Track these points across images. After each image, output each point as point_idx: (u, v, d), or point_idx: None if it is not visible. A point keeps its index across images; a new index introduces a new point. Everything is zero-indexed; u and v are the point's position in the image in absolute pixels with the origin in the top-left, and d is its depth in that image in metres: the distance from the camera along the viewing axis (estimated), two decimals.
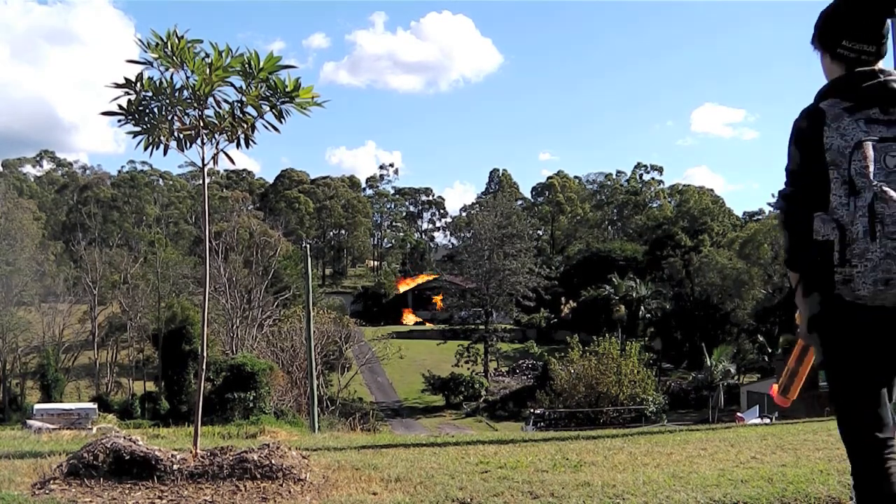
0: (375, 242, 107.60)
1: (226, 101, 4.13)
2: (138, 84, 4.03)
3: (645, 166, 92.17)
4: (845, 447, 2.34)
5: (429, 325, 70.31)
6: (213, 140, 4.23)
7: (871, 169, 2.10)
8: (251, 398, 26.60)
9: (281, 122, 4.18)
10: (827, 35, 2.35)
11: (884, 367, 2.21)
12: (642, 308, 55.18)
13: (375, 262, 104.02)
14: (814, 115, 2.26)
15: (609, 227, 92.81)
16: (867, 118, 2.18)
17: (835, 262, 2.14)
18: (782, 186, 2.36)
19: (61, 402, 40.59)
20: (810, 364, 2.74)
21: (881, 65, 2.30)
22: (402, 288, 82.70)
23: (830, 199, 2.16)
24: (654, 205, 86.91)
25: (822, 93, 2.33)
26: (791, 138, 2.35)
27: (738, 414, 27.84)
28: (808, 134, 2.25)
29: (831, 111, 2.22)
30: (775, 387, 2.88)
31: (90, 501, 3.47)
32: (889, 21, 2.31)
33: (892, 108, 2.19)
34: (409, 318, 76.90)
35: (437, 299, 70.55)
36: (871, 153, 2.12)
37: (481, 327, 55.48)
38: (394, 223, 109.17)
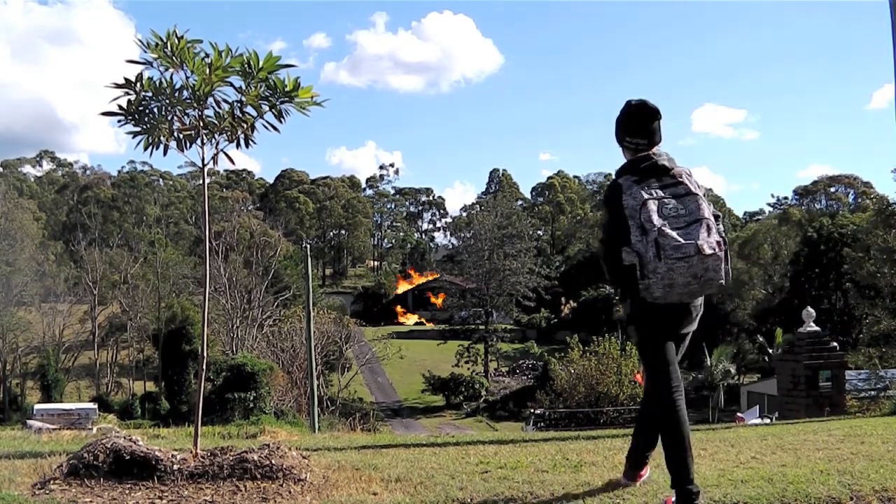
0: (375, 242, 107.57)
1: (225, 101, 4.13)
2: (138, 84, 4.02)
3: None
4: (649, 375, 3.55)
5: (429, 325, 70.27)
6: (213, 140, 4.22)
7: (654, 217, 3.25)
8: (251, 398, 26.58)
9: (281, 122, 4.18)
10: (618, 134, 3.60)
11: (671, 335, 3.47)
12: None
13: (375, 263, 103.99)
14: (616, 187, 3.44)
15: None
16: (648, 185, 3.37)
17: (638, 278, 3.28)
18: (602, 231, 3.60)
19: (61, 402, 40.61)
20: None
21: (656, 150, 3.50)
22: (402, 289, 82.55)
23: (631, 238, 3.30)
24: None
25: (619, 171, 3.53)
26: (603, 201, 3.62)
27: (739, 414, 27.76)
28: (612, 199, 3.43)
29: (626, 183, 3.40)
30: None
31: (90, 501, 3.47)
32: (657, 122, 3.53)
33: (663, 177, 3.40)
34: (409, 319, 76.77)
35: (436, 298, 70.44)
36: (652, 207, 3.29)
37: (481, 327, 55.46)
38: (394, 223, 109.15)
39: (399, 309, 77.79)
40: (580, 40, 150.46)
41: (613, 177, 3.55)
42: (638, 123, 3.52)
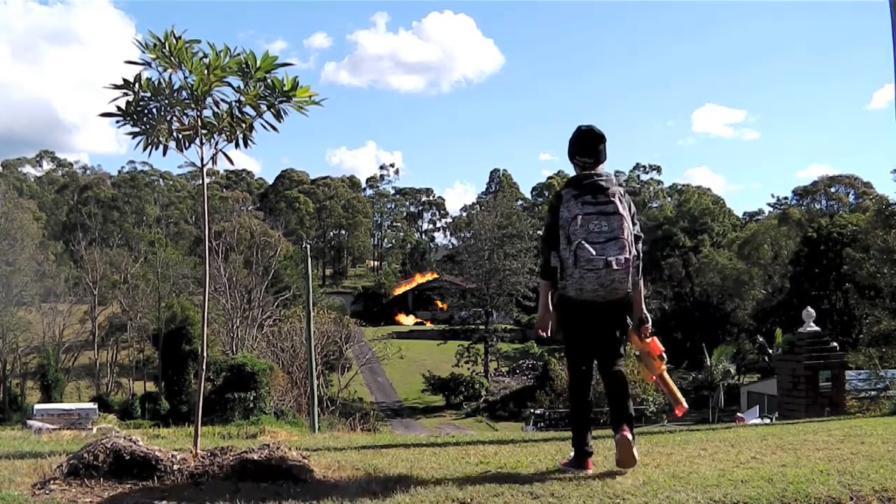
0: (376, 243, 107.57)
1: (224, 101, 4.13)
2: (136, 85, 4.02)
3: (644, 166, 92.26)
4: (568, 370, 4.35)
5: (429, 325, 70.23)
6: (212, 140, 4.22)
7: (578, 231, 3.88)
8: (251, 398, 26.58)
9: (279, 122, 4.18)
10: (569, 152, 4.22)
11: (587, 332, 4.09)
12: None
13: (375, 263, 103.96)
14: (558, 197, 4.06)
15: None
16: (583, 201, 3.96)
17: (559, 278, 3.98)
18: (542, 232, 4.25)
19: (61, 402, 40.65)
20: (664, 370, 4.41)
21: (599, 169, 4.12)
22: (400, 290, 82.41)
23: (560, 245, 3.96)
24: (654, 205, 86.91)
25: (565, 184, 4.15)
26: (549, 207, 4.17)
27: (739, 414, 27.79)
28: (554, 207, 4.05)
29: (566, 196, 4.00)
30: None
31: (90, 502, 3.47)
32: (603, 145, 4.14)
33: (599, 195, 3.97)
34: (408, 320, 76.67)
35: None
36: (580, 222, 3.90)
37: (481, 327, 55.44)
38: (394, 223, 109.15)
39: (401, 316, 77.43)
40: (581, 40, 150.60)
41: (560, 187, 4.22)
42: (586, 145, 4.16)
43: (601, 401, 4.80)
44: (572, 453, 4.23)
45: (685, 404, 4.46)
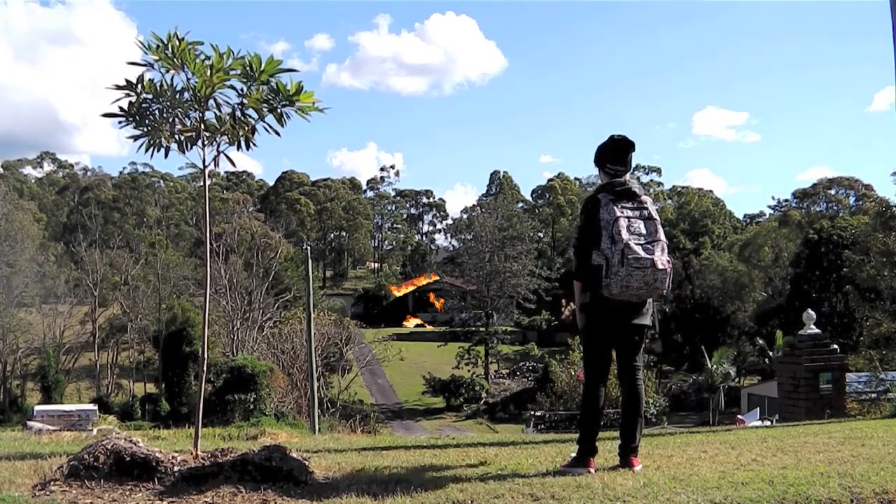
0: (376, 244, 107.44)
1: (226, 103, 4.13)
2: (139, 86, 4.03)
3: (643, 168, 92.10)
4: (584, 371, 4.39)
5: (429, 327, 70.18)
6: (214, 142, 4.23)
7: (623, 232, 4.03)
8: (251, 400, 26.59)
9: (282, 126, 4.18)
10: (599, 160, 4.39)
11: (621, 331, 4.27)
12: None
13: (376, 264, 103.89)
14: (594, 200, 4.23)
15: None
16: (621, 205, 4.14)
17: (602, 276, 4.03)
18: (576, 234, 4.37)
19: (62, 403, 40.61)
20: None
21: (627, 177, 4.32)
22: (400, 292, 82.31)
23: (602, 245, 4.07)
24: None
25: (598, 189, 4.33)
26: (582, 210, 4.38)
27: (739, 416, 27.83)
28: (590, 210, 4.21)
29: (603, 200, 4.17)
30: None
31: (91, 503, 3.47)
32: (632, 153, 4.35)
33: (634, 200, 4.19)
34: (412, 322, 76.60)
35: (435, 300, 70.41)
36: (623, 223, 4.07)
37: (482, 329, 55.35)
38: (394, 225, 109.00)
39: (410, 318, 77.01)
40: (582, 42, 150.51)
41: (593, 192, 4.37)
42: (619, 154, 4.33)
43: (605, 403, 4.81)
44: (574, 454, 4.28)
45: None
